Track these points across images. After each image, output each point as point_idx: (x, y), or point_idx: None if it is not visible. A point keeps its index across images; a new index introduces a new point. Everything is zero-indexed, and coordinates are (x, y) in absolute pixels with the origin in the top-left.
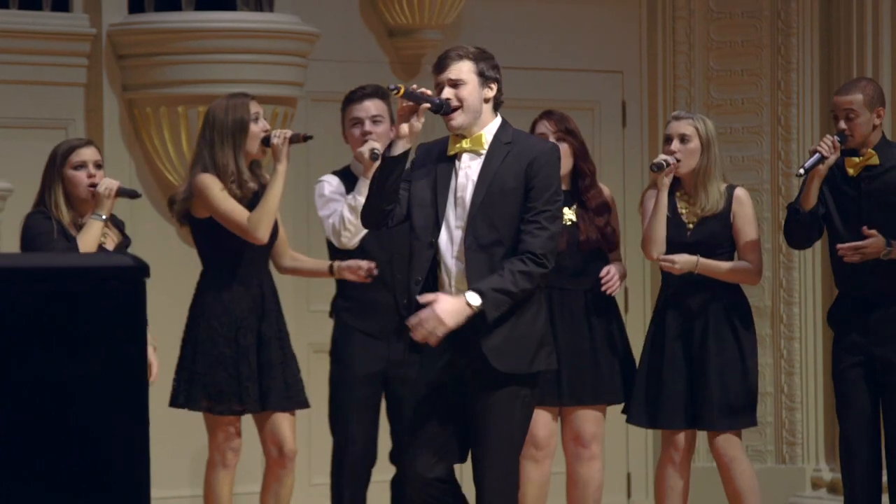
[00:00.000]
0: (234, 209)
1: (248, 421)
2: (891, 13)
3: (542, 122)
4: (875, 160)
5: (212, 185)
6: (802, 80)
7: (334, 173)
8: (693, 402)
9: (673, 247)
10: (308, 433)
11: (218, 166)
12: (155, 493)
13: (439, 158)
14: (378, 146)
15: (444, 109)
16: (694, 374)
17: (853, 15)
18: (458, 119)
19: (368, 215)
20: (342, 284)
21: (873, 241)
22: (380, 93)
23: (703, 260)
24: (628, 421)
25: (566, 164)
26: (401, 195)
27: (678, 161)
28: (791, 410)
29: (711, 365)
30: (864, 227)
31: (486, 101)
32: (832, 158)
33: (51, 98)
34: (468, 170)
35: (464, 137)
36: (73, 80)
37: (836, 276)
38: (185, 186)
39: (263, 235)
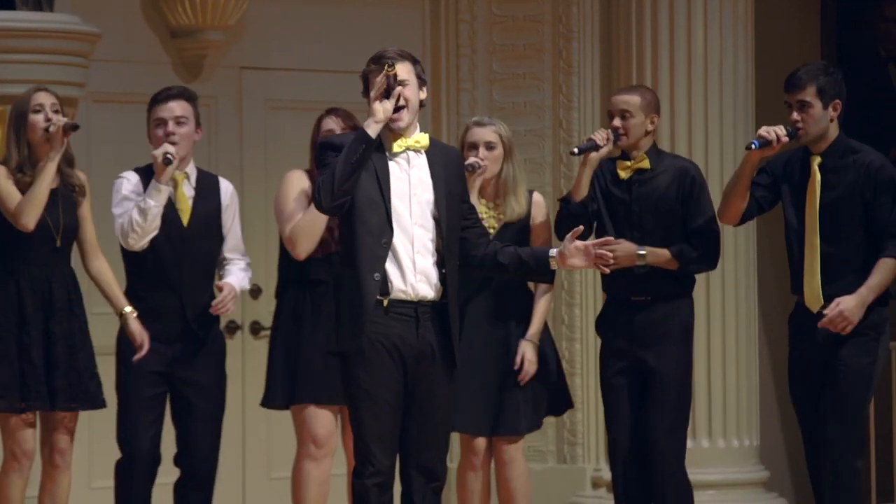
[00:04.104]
0: (10, 193)
1: None
2: (668, 19)
3: (331, 118)
4: (646, 164)
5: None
6: (583, 83)
7: (136, 170)
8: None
9: None
10: (88, 436)
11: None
12: None
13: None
14: (172, 150)
15: None
16: (489, 380)
17: (632, 21)
18: (406, 119)
19: (340, 200)
20: (131, 285)
21: (622, 247)
22: (185, 94)
23: None
24: None
25: None
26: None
27: (485, 167)
28: (572, 411)
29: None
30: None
31: (422, 103)
32: (604, 150)
33: None
34: (417, 169)
35: (400, 136)
36: None
37: (603, 280)
38: None
39: (28, 222)
